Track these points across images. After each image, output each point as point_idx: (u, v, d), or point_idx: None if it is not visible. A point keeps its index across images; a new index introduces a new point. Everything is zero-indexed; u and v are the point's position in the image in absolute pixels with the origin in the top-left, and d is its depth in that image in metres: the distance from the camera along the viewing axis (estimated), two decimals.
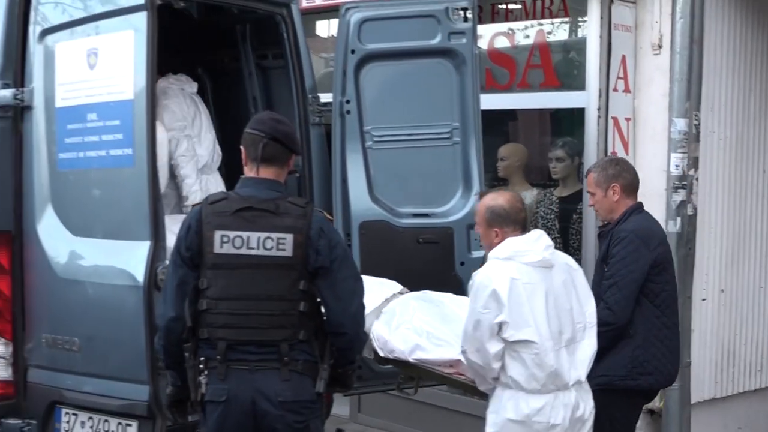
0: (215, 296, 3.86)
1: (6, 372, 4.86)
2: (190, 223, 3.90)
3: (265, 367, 3.85)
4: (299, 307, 3.89)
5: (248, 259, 3.86)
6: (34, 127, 4.87)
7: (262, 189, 3.96)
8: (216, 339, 3.85)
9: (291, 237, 3.87)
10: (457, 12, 5.63)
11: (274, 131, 4.01)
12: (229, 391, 3.83)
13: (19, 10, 4.93)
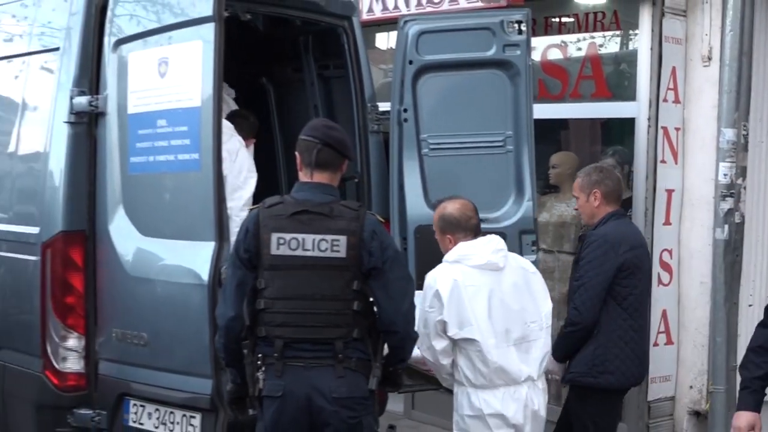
0: (272, 296, 3.89)
1: (79, 365, 4.91)
2: (247, 227, 3.92)
3: (320, 364, 3.87)
4: (353, 306, 3.90)
5: (304, 260, 3.87)
6: (107, 133, 4.91)
7: (316, 193, 3.98)
8: (273, 337, 3.87)
9: (344, 239, 3.88)
10: (511, 25, 5.62)
11: (327, 137, 4.03)
12: (285, 387, 3.85)
13: (95, 22, 4.98)
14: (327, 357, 3.87)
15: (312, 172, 4.01)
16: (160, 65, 4.66)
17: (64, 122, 4.96)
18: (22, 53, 5.47)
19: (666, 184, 6.29)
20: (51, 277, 4.91)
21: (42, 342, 4.93)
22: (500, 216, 5.72)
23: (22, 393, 5.12)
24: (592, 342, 4.99)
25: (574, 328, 5.03)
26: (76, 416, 4.88)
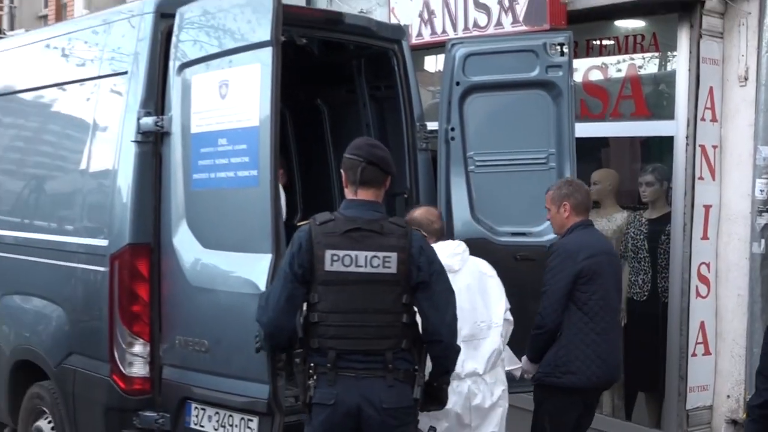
0: (326, 309, 3.86)
1: (144, 370, 4.93)
2: (301, 242, 3.88)
3: (371, 374, 3.84)
4: (402, 318, 3.88)
5: (357, 276, 3.85)
6: (171, 151, 4.93)
7: (365, 210, 3.95)
8: (327, 348, 3.85)
9: (395, 255, 3.86)
10: (554, 47, 5.61)
11: (370, 156, 4.00)
12: (337, 396, 3.82)
13: (161, 47, 5.01)
14: (378, 368, 3.85)
15: (357, 189, 3.99)
16: (221, 87, 4.68)
17: (132, 141, 4.99)
18: (93, 77, 5.51)
19: (704, 200, 6.21)
20: (119, 287, 4.94)
21: (110, 348, 4.96)
22: (543, 230, 5.69)
23: (91, 396, 5.14)
24: (556, 344, 5.01)
25: (539, 331, 5.06)
26: (141, 418, 4.90)
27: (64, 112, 5.88)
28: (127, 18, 5.31)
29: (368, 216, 3.93)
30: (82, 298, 5.30)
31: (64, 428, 5.40)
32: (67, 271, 5.41)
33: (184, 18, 4.95)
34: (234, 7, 4.70)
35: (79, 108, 5.64)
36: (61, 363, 5.40)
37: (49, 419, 5.58)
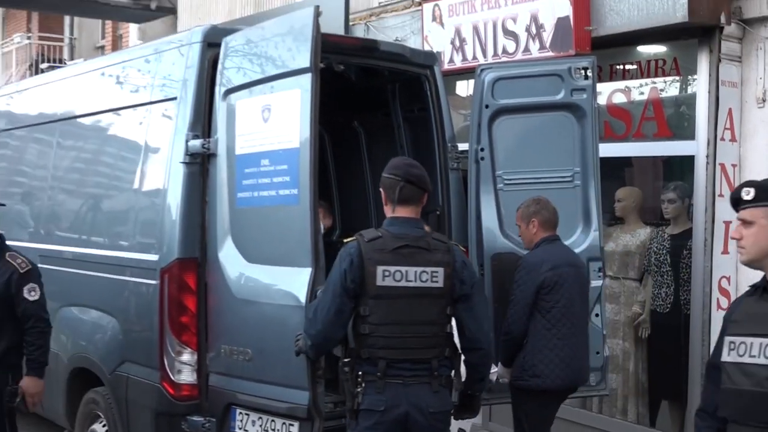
0: (376, 322, 3.87)
1: (191, 377, 4.95)
2: (352, 259, 3.88)
3: (418, 381, 3.87)
4: (446, 329, 3.94)
5: (406, 290, 3.88)
6: (217, 172, 4.96)
7: (410, 227, 3.99)
8: (377, 358, 3.86)
9: (442, 270, 3.90)
10: (578, 71, 5.58)
11: (408, 175, 4.02)
12: (387, 402, 3.84)
13: (208, 74, 5.07)
14: (424, 375, 3.88)
15: (396, 206, 4.01)
16: (264, 111, 4.71)
17: (181, 162, 5.04)
18: (146, 102, 5.58)
19: (724, 217, 6.13)
20: (168, 299, 4.98)
21: (160, 356, 4.99)
22: (569, 245, 5.64)
23: (142, 401, 5.17)
24: (523, 349, 5.08)
25: (506, 338, 5.14)
26: (189, 423, 4.92)
27: (118, 135, 5.96)
28: (176, 47, 5.38)
29: (414, 233, 3.97)
30: (134, 309, 5.37)
31: (117, 431, 5.45)
32: (121, 284, 5.47)
33: (229, 47, 5.00)
34: (275, 36, 4.75)
35: (133, 131, 5.70)
36: (114, 370, 5.45)
37: (104, 423, 5.63)
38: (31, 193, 6.92)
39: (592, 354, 5.60)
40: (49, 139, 6.74)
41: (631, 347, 6.78)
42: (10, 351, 5.03)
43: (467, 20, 7.40)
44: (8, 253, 5.13)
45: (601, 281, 5.64)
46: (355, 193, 6.98)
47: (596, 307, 5.62)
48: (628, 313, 6.77)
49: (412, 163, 4.23)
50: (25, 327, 5.01)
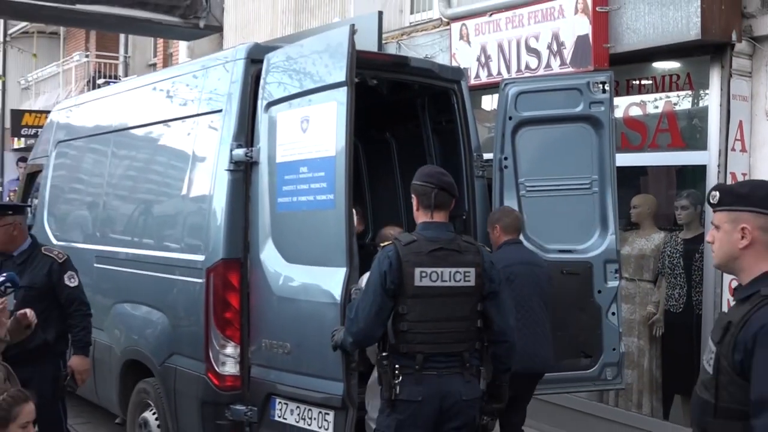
0: (414, 319, 3.88)
1: (235, 369, 4.98)
2: (391, 261, 3.89)
3: (450, 372, 3.90)
4: (477, 324, 3.96)
5: (442, 289, 3.90)
6: (259, 178, 4.99)
7: (442, 231, 4.01)
8: (415, 352, 3.88)
9: (474, 270, 3.93)
10: (596, 85, 5.58)
11: (441, 183, 4.05)
12: (423, 393, 3.86)
13: (251, 89, 5.10)
14: (456, 366, 3.91)
15: (432, 212, 4.02)
16: (302, 122, 4.74)
17: (225, 170, 5.07)
18: (193, 114, 5.62)
19: None
20: (213, 296, 5.01)
21: (205, 349, 5.02)
22: (587, 248, 5.64)
23: (189, 391, 5.20)
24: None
25: None
26: (232, 411, 4.94)
27: (168, 145, 6.01)
28: (222, 63, 5.42)
29: (446, 236, 4.00)
30: (182, 305, 5.40)
31: (166, 419, 5.48)
32: (170, 282, 5.51)
33: (270, 63, 5.04)
34: (314, 53, 4.77)
35: (181, 141, 5.76)
36: (164, 362, 5.49)
37: (154, 411, 5.67)
38: (88, 198, 6.99)
39: (608, 350, 5.59)
40: (104, 149, 6.81)
41: (645, 345, 6.72)
42: (59, 339, 5.10)
43: (492, 38, 7.40)
44: (43, 248, 5.20)
45: (617, 282, 5.62)
46: (386, 200, 6.99)
47: (612, 306, 5.60)
48: (642, 313, 6.72)
49: (443, 171, 4.23)
50: (69, 311, 5.08)
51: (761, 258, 2.56)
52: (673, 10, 6.03)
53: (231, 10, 12.61)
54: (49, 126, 8.19)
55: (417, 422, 3.88)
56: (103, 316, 6.17)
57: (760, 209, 2.57)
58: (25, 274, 4.97)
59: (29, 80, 24.85)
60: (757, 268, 2.57)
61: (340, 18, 9.83)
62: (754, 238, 2.56)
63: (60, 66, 22.71)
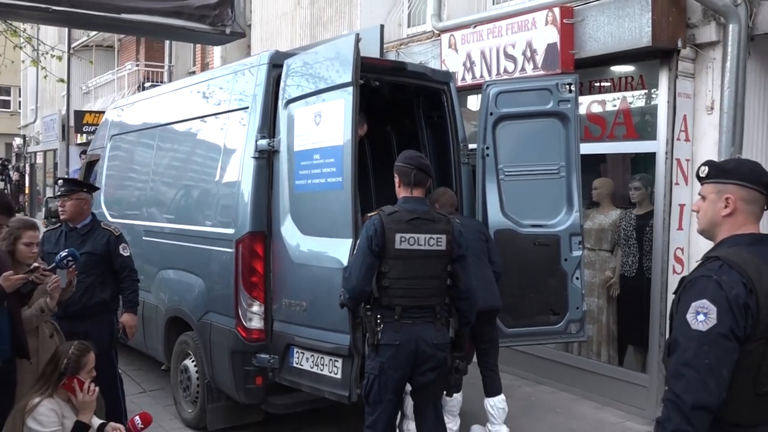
0: (395, 277, 3.89)
1: (260, 324, 5.00)
2: (376, 228, 3.91)
3: (424, 321, 3.91)
4: (446, 282, 3.94)
5: (418, 252, 3.90)
6: (280, 165, 4.99)
7: (419, 204, 4.02)
8: (395, 305, 3.89)
9: (445, 237, 3.93)
10: (564, 86, 5.56)
11: (419, 164, 4.07)
12: (402, 338, 3.88)
13: (273, 89, 5.09)
14: (429, 317, 3.93)
15: (411, 189, 4.04)
16: (316, 117, 4.72)
17: (251, 158, 5.06)
18: (224, 111, 5.61)
19: (679, 200, 6.06)
20: (242, 263, 5.01)
21: (235, 308, 5.04)
22: (556, 223, 5.62)
23: (222, 342, 5.21)
24: None
25: None
26: (258, 359, 4.97)
27: (204, 138, 5.99)
28: (248, 68, 5.40)
29: (422, 209, 4.00)
30: (216, 271, 5.40)
31: (203, 366, 5.51)
32: (206, 252, 5.52)
33: (289, 67, 5.02)
34: (326, 60, 4.74)
35: (215, 134, 5.74)
36: (201, 318, 5.52)
37: (193, 359, 5.71)
38: (138, 183, 6.99)
39: (572, 309, 5.59)
40: (150, 141, 6.80)
41: (604, 304, 6.72)
42: (113, 299, 5.11)
43: (476, 47, 7.35)
44: (102, 223, 5.21)
45: (580, 252, 5.61)
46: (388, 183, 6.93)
47: (577, 272, 5.59)
48: (602, 277, 6.72)
49: (421, 155, 4.27)
50: (121, 276, 5.10)
51: (737, 226, 2.45)
52: (628, 21, 5.98)
53: (257, 26, 12.56)
54: (105, 123, 8.18)
55: (396, 363, 3.90)
56: (150, 280, 6.20)
57: (744, 182, 2.45)
58: (87, 243, 5.00)
59: (89, 86, 24.88)
60: (723, 235, 2.47)
61: (349, 30, 9.78)
62: (736, 207, 2.44)
63: (115, 74, 22.70)
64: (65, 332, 4.59)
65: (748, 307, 2.26)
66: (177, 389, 5.95)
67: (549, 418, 6.19)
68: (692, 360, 2.26)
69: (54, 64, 16.98)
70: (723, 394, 2.24)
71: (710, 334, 2.24)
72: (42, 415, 3.81)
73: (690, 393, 2.23)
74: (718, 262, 2.34)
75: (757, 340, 2.27)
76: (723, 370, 2.23)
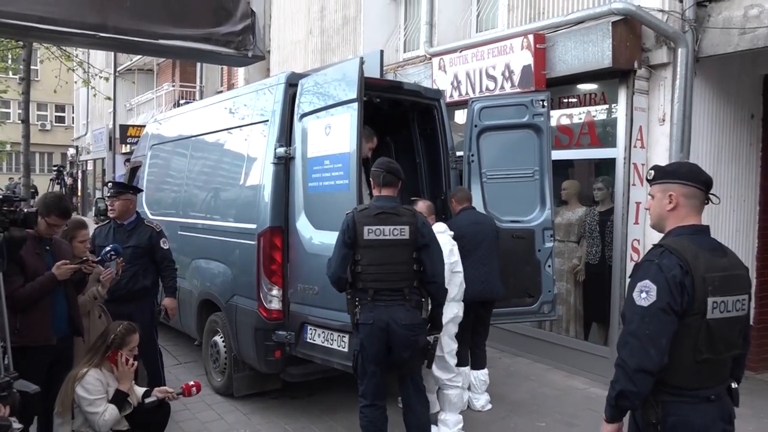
0: (366, 263, 3.83)
1: (278, 305, 4.98)
2: (348, 223, 3.88)
3: (395, 303, 3.81)
4: (413, 267, 3.83)
5: (384, 241, 3.83)
6: (295, 170, 4.96)
7: (387, 202, 3.94)
8: (367, 288, 3.82)
9: (408, 227, 3.84)
10: (538, 102, 5.54)
11: (388, 168, 3.99)
12: (374, 318, 3.80)
13: (288, 105, 5.07)
14: (399, 299, 3.82)
15: (381, 188, 3.98)
16: (326, 128, 4.69)
17: (271, 163, 5.04)
18: (248, 124, 5.58)
19: (635, 199, 6.04)
20: (263, 253, 4.99)
21: (257, 291, 5.02)
22: (530, 219, 5.60)
23: (246, 321, 5.20)
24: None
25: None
26: (276, 335, 4.96)
27: (230, 147, 5.96)
28: (268, 87, 5.37)
29: (390, 205, 3.92)
30: (240, 260, 5.38)
31: (230, 341, 5.49)
32: (233, 244, 5.50)
33: (303, 86, 4.99)
34: (334, 80, 4.72)
35: (240, 144, 5.71)
36: (228, 301, 5.49)
37: (221, 336, 5.69)
38: (174, 186, 6.96)
39: (545, 292, 5.57)
40: (184, 151, 6.78)
41: (571, 287, 6.71)
42: (154, 285, 5.08)
43: (462, 69, 7.33)
44: (145, 220, 5.19)
45: (552, 243, 5.60)
46: None
47: (549, 261, 5.58)
48: (570, 265, 6.70)
49: (391, 160, 4.16)
50: (161, 266, 5.06)
51: (681, 219, 2.45)
52: (592, 46, 5.96)
53: (275, 52, 12.53)
54: (145, 135, 8.15)
55: (372, 339, 3.82)
56: (185, 269, 6.17)
57: (684, 181, 2.45)
58: (132, 238, 4.98)
59: (132, 103, 24.85)
60: (671, 227, 2.46)
61: (354, 55, 9.75)
62: (678, 202, 2.45)
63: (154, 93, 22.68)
64: (111, 313, 4.58)
65: (684, 286, 2.29)
66: (207, 361, 5.93)
67: (525, 384, 6.18)
68: (636, 331, 2.31)
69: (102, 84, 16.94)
70: (663, 359, 2.28)
71: (651, 309, 2.29)
72: (89, 384, 3.80)
73: (633, 358, 2.29)
74: (661, 249, 2.38)
75: (695, 314, 2.30)
76: (662, 339, 2.28)
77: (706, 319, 2.30)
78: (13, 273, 3.58)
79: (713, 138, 6.10)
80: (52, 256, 3.90)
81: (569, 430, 5.09)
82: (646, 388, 2.30)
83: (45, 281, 3.75)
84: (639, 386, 2.29)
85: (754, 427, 5.10)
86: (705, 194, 2.46)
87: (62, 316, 3.92)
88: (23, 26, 2.81)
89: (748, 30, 5.26)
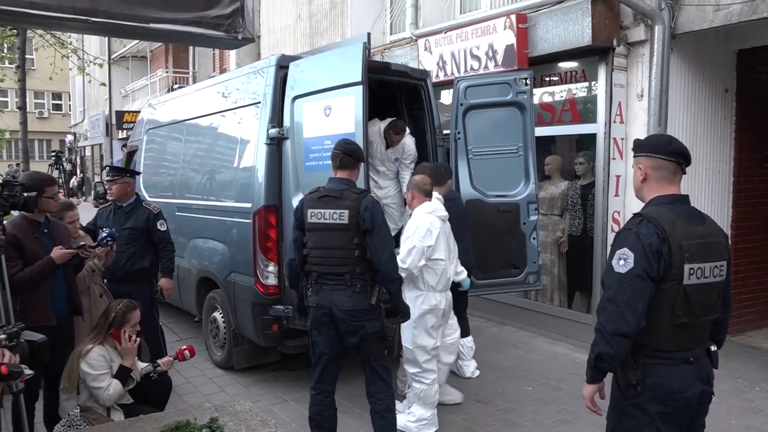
0: (311, 247, 3.67)
1: (274, 281, 4.95)
2: (298, 206, 3.76)
3: (338, 288, 3.62)
4: (355, 253, 3.57)
5: (323, 225, 3.63)
6: (288, 149, 4.91)
7: (337, 184, 3.69)
8: (312, 271, 3.69)
9: (347, 212, 3.57)
10: (521, 80, 5.48)
11: (345, 149, 3.73)
12: (318, 301, 3.67)
13: (279, 88, 4.99)
14: (341, 284, 3.60)
15: (337, 170, 3.75)
16: (326, 110, 4.61)
17: (264, 144, 4.97)
18: (240, 106, 5.51)
19: (615, 172, 6.04)
20: (258, 231, 4.95)
21: (254, 268, 4.99)
22: (515, 193, 5.58)
23: (244, 296, 5.18)
24: None
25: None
26: (273, 310, 4.93)
27: (223, 130, 5.88)
28: (259, 70, 5.29)
29: (339, 188, 3.66)
30: (237, 239, 5.34)
31: (228, 317, 5.48)
32: (229, 223, 5.45)
33: (293, 69, 4.92)
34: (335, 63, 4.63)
35: (233, 126, 5.63)
36: (226, 278, 5.46)
37: (220, 311, 5.67)
38: (170, 169, 6.88)
39: (530, 263, 5.58)
40: (179, 135, 6.69)
41: (555, 258, 6.73)
42: (152, 266, 5.03)
43: (447, 49, 7.26)
44: (143, 202, 5.13)
45: (536, 216, 5.58)
46: None
47: (533, 233, 5.57)
48: (553, 237, 6.71)
49: (350, 141, 3.87)
50: (159, 247, 5.00)
51: (653, 190, 2.46)
52: (572, 25, 5.90)
53: (265, 36, 12.36)
54: (141, 120, 8.03)
55: (318, 322, 3.68)
56: (183, 248, 6.12)
57: (650, 153, 2.45)
58: (130, 220, 4.93)
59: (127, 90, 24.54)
60: (649, 197, 2.47)
61: (342, 38, 9.63)
62: (648, 174, 2.46)
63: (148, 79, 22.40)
64: (112, 293, 4.56)
65: (660, 253, 2.29)
66: (208, 336, 5.92)
67: (512, 351, 6.21)
68: (614, 296, 2.31)
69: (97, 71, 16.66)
70: (640, 323, 2.29)
71: (628, 275, 2.29)
72: (93, 360, 3.77)
73: (611, 322, 2.30)
74: (639, 218, 2.39)
75: (672, 280, 2.31)
76: (638, 304, 2.28)
77: (683, 285, 2.30)
78: (13, 257, 3.52)
79: (689, 112, 6.09)
80: (51, 238, 3.84)
81: (554, 393, 5.13)
82: (624, 351, 2.32)
83: (44, 265, 3.70)
84: (616, 349, 2.31)
85: (728, 387, 5.17)
86: (677, 164, 2.44)
87: (61, 296, 3.88)
88: (15, 12, 2.73)
89: (722, 6, 5.22)
